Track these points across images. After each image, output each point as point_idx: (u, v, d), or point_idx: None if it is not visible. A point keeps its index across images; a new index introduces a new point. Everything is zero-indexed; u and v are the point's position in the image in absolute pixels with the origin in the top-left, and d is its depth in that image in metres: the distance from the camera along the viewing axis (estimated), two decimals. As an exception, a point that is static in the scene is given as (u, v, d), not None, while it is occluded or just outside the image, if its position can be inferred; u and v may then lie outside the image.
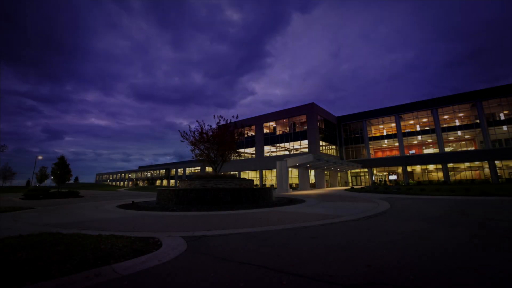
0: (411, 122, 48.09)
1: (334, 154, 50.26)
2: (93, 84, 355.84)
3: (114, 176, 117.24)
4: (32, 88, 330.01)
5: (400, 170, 46.46)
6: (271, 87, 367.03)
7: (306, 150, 42.95)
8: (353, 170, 51.39)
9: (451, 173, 42.01)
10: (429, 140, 45.90)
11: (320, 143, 43.97)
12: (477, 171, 40.73)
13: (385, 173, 49.25)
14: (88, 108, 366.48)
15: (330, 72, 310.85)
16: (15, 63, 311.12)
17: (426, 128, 45.57)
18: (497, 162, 38.10)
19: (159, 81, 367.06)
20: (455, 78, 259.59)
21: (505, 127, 38.96)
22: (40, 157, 46.77)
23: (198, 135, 18.03)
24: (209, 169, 22.38)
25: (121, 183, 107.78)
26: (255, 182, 46.12)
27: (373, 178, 48.51)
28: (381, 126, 51.03)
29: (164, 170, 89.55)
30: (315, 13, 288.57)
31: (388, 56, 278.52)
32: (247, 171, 50.61)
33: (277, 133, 48.47)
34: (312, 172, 42.64)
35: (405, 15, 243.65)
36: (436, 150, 43.97)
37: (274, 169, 42.94)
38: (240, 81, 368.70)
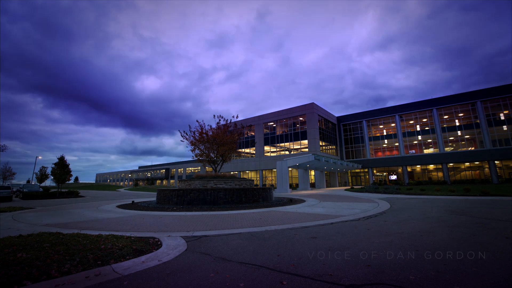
0: (411, 122, 48.05)
1: (334, 154, 50.23)
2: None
3: (114, 176, 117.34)
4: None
5: (400, 170, 46.45)
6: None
7: (306, 150, 42.92)
8: (353, 170, 51.35)
9: (451, 173, 42.01)
10: (429, 140, 45.85)
11: (320, 143, 43.93)
12: (477, 171, 40.72)
13: (385, 173, 49.21)
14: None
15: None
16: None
17: (426, 128, 45.55)
18: (497, 162, 38.10)
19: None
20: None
21: (505, 127, 38.94)
22: (40, 157, 46.97)
23: (198, 135, 18.01)
24: (209, 169, 22.37)
25: (121, 183, 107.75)
26: (255, 182, 46.15)
27: (373, 178, 48.46)
28: (381, 126, 50.98)
29: (164, 170, 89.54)
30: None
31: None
32: (247, 171, 50.56)
33: (277, 133, 48.42)
34: (312, 172, 42.64)
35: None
36: (436, 150, 43.95)
37: (274, 169, 42.91)
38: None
